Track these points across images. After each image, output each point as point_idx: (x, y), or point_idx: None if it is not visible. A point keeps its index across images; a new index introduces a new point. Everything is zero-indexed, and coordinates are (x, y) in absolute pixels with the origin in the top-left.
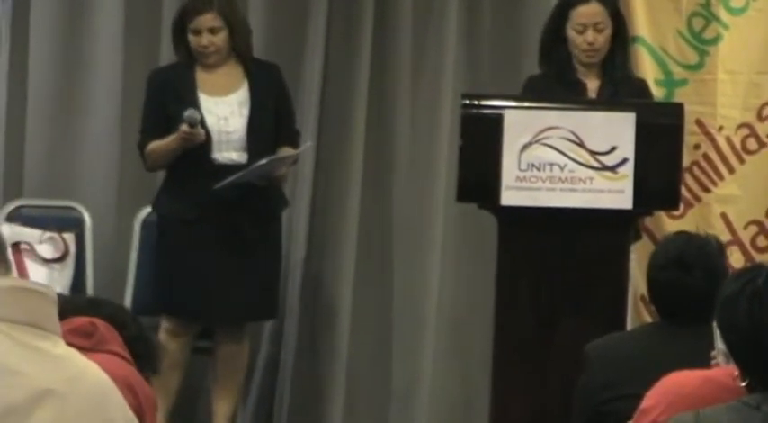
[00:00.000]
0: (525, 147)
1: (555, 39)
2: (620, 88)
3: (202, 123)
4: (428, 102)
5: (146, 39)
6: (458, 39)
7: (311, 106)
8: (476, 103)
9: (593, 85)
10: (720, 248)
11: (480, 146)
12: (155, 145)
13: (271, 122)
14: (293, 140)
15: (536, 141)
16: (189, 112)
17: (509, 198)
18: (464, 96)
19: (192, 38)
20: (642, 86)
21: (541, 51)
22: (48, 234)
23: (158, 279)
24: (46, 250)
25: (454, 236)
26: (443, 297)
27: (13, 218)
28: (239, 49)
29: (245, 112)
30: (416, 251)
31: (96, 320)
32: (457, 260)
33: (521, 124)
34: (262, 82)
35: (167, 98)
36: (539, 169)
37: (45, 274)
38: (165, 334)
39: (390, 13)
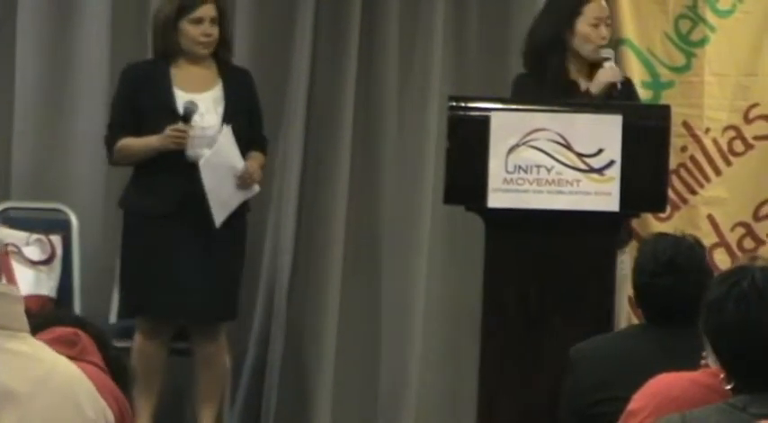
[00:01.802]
0: (512, 149)
1: (556, 42)
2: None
3: (187, 118)
4: (415, 104)
5: (133, 41)
6: (444, 41)
7: (298, 108)
8: (463, 105)
9: (584, 85)
10: (702, 246)
11: (467, 148)
12: (130, 142)
13: (244, 123)
14: (262, 146)
15: (523, 143)
16: (187, 105)
17: (496, 200)
18: (451, 98)
19: (190, 28)
20: (628, 86)
21: (534, 55)
22: (35, 236)
23: (128, 278)
24: (33, 252)
25: (441, 238)
26: (431, 299)
27: (0, 220)
28: (222, 46)
29: (220, 109)
30: (404, 253)
31: (79, 331)
32: (444, 262)
33: (508, 126)
34: (235, 84)
35: (141, 93)
36: (526, 171)
37: (32, 277)
38: (140, 336)
39: (377, 15)
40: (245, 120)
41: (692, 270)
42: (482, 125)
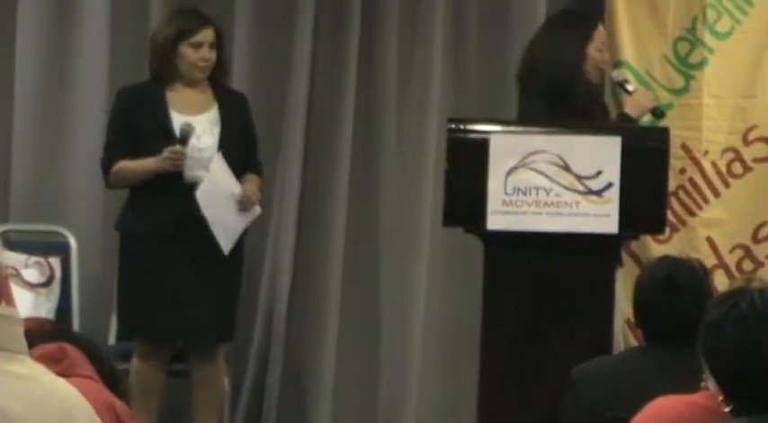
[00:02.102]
0: (511, 171)
1: (579, 70)
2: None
3: (184, 140)
4: (414, 125)
5: (131, 61)
6: (443, 62)
7: (297, 129)
8: (462, 127)
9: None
10: (705, 271)
11: (466, 170)
12: (127, 164)
13: (239, 145)
14: (258, 169)
15: (522, 165)
16: (183, 126)
17: (495, 222)
18: (450, 120)
19: (189, 52)
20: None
21: (561, 88)
22: (33, 258)
23: (125, 300)
24: (31, 275)
25: (441, 259)
26: (430, 320)
27: None
28: (219, 70)
29: (216, 131)
30: (403, 274)
31: (65, 345)
32: (444, 283)
33: (507, 148)
34: (231, 106)
35: (138, 115)
36: (525, 193)
37: (31, 299)
38: (138, 358)
39: (376, 37)
40: (241, 143)
41: (690, 291)
42: (481, 147)
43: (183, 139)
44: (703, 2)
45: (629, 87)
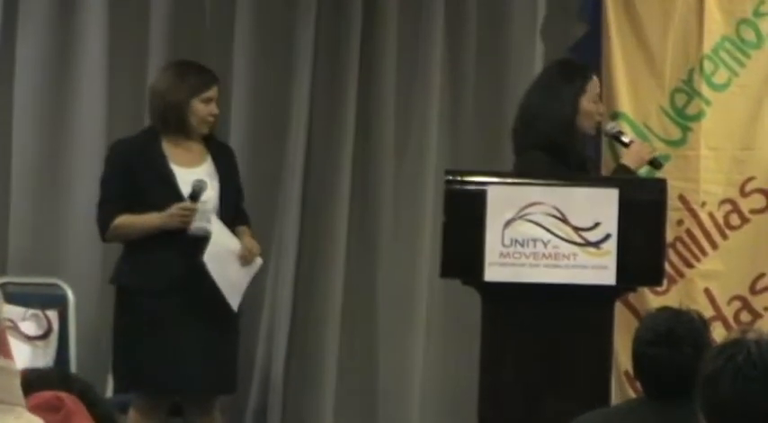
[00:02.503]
0: (509, 222)
1: (573, 125)
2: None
3: (196, 197)
4: (412, 177)
5: (128, 116)
6: (441, 114)
7: (294, 182)
8: (459, 178)
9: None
10: (705, 323)
11: (464, 221)
12: (129, 220)
13: (235, 197)
14: (246, 220)
15: (519, 217)
16: (196, 183)
17: (493, 274)
18: (447, 172)
19: (201, 107)
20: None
21: (557, 142)
22: (31, 311)
23: (122, 354)
24: (29, 327)
25: (439, 311)
26: (428, 372)
27: None
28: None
29: (216, 183)
30: (401, 326)
31: (62, 394)
32: (442, 335)
33: (504, 200)
34: (222, 158)
35: (137, 168)
36: (522, 245)
37: (28, 352)
38: (135, 412)
39: (374, 87)
40: (235, 194)
41: (689, 342)
42: (478, 199)
43: (195, 196)
44: (700, 54)
45: (626, 139)
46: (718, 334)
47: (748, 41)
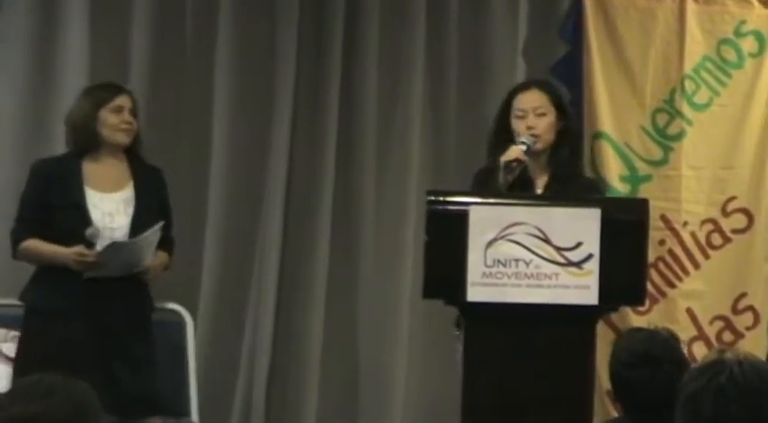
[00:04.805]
0: (491, 243)
1: (501, 133)
2: (568, 186)
3: (92, 244)
4: (393, 198)
5: None
6: (422, 133)
7: (276, 206)
8: (441, 199)
9: (540, 182)
10: (677, 339)
11: (446, 242)
12: (38, 246)
13: (151, 223)
14: (170, 248)
15: (501, 237)
16: (90, 231)
17: (475, 294)
18: (429, 193)
19: (110, 116)
20: (591, 185)
21: (488, 147)
22: (12, 333)
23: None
24: (10, 349)
25: (420, 330)
26: (410, 393)
27: None
28: (136, 140)
29: (130, 210)
30: (383, 348)
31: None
32: (423, 355)
33: (486, 220)
34: (147, 183)
35: (52, 189)
36: (504, 265)
37: (10, 373)
38: None
39: (355, 108)
40: (155, 221)
41: (667, 361)
42: (460, 219)
43: (91, 244)
44: (681, 73)
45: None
46: (700, 354)
47: (729, 61)
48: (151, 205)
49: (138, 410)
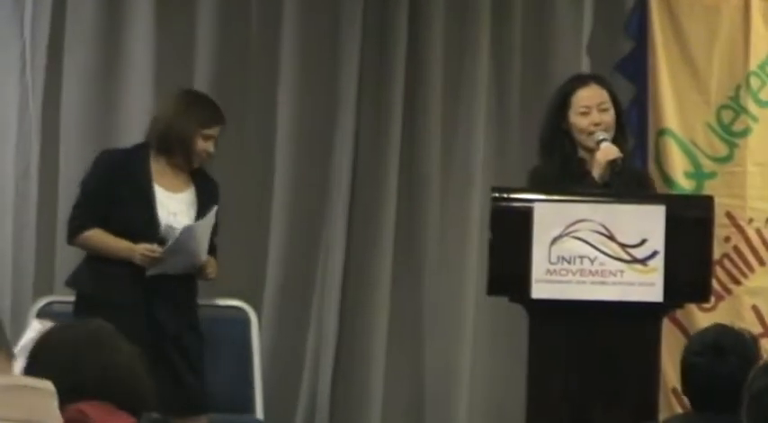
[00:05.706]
0: (555, 240)
1: (555, 132)
2: (620, 178)
3: (164, 241)
4: (458, 195)
5: None
6: (487, 132)
7: (340, 203)
8: (505, 196)
9: (595, 175)
10: (754, 340)
11: (510, 239)
12: (101, 238)
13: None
14: (214, 252)
15: (566, 234)
16: (167, 228)
17: (540, 291)
18: (494, 189)
19: (200, 142)
20: (641, 177)
21: (542, 145)
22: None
23: None
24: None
25: (486, 329)
26: (475, 391)
27: (43, 314)
28: None
29: (193, 212)
30: (448, 345)
31: (84, 407)
32: (489, 353)
33: (551, 217)
34: (206, 190)
35: (120, 181)
36: (569, 262)
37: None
38: None
39: (419, 104)
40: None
41: (735, 353)
42: (525, 216)
43: (163, 242)
44: (747, 70)
45: (602, 145)
46: (766, 351)
47: None
48: (208, 211)
49: (196, 405)
